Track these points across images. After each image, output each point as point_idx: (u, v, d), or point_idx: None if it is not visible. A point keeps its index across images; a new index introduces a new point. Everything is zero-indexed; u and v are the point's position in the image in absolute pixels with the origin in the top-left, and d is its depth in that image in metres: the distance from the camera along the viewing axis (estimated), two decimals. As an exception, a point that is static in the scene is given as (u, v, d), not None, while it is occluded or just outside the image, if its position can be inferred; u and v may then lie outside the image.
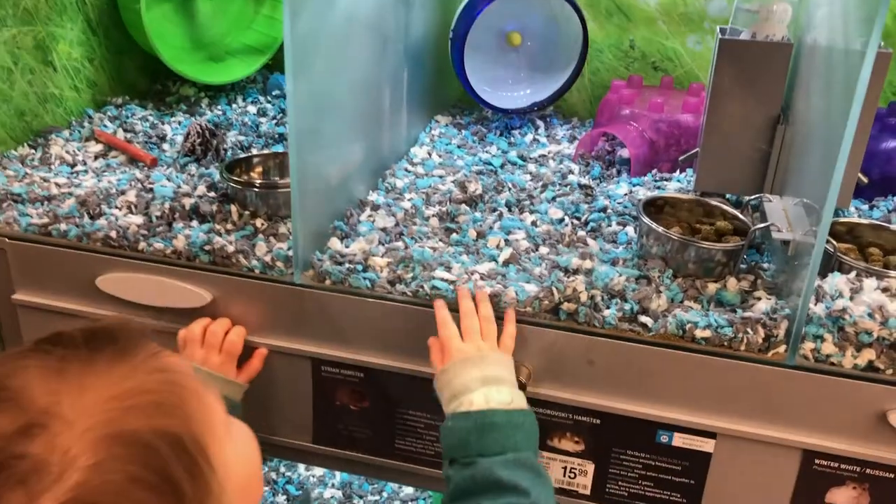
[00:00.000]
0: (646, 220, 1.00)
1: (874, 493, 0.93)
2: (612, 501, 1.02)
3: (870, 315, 0.87)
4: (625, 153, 1.34)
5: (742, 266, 1.00)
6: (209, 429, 0.54)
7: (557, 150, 1.38)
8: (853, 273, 0.94)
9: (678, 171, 1.29)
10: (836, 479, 0.93)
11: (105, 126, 1.36)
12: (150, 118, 1.42)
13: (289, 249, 1.01)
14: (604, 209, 1.15)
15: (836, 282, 0.92)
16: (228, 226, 1.07)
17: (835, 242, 0.98)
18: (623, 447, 0.98)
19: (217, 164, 1.24)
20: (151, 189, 1.14)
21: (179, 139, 1.33)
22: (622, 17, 1.49)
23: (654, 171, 1.29)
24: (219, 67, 1.53)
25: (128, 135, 1.34)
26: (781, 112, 1.09)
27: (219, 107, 1.50)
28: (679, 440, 0.96)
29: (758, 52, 1.07)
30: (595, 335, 0.93)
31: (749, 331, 0.89)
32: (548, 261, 1.01)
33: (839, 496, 0.94)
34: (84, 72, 1.39)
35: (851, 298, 0.90)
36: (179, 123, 1.41)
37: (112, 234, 1.03)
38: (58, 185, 1.15)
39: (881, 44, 0.96)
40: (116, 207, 1.10)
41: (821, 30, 1.01)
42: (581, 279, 0.95)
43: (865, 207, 1.19)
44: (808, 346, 0.89)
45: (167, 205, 1.10)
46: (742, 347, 0.90)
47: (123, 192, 1.13)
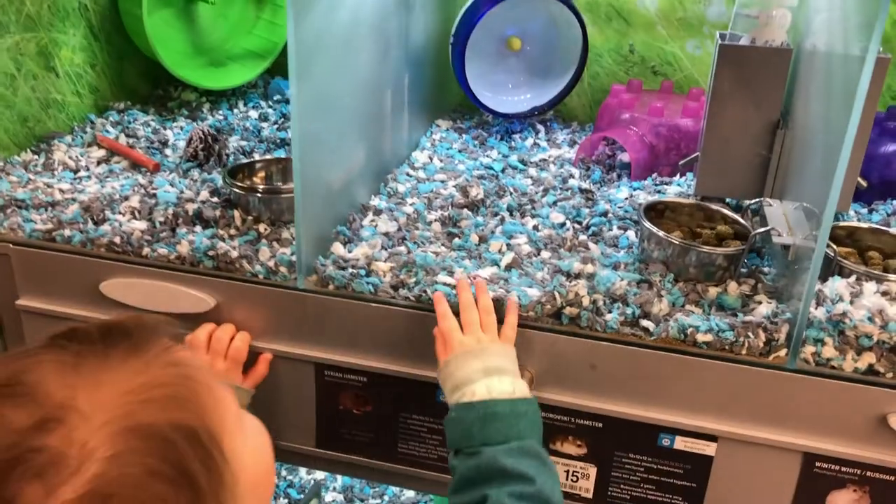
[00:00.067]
0: (647, 225, 1.01)
1: (874, 496, 0.93)
2: (615, 504, 1.03)
3: (870, 319, 0.88)
4: (625, 157, 1.34)
5: (742, 270, 1.00)
6: (222, 422, 0.54)
7: (558, 155, 1.39)
8: (853, 277, 0.95)
9: (678, 176, 1.30)
10: (837, 482, 0.93)
11: (107, 131, 1.36)
12: (152, 123, 1.42)
13: (292, 254, 1.01)
14: (605, 213, 1.16)
15: (837, 286, 0.92)
16: (231, 231, 1.08)
17: (835, 246, 0.99)
18: (625, 450, 0.99)
19: (219, 170, 1.25)
20: (155, 194, 1.15)
21: (181, 144, 1.34)
22: (622, 22, 1.50)
23: (655, 176, 1.30)
24: (220, 72, 1.54)
25: (130, 140, 1.34)
26: (781, 117, 1.09)
27: (220, 112, 1.50)
28: (681, 443, 0.96)
29: (757, 58, 1.08)
30: (597, 339, 0.94)
31: (750, 335, 0.90)
32: (550, 265, 1.02)
33: (840, 499, 0.94)
34: (86, 77, 1.40)
35: (852, 302, 0.90)
36: (181, 129, 1.42)
37: (116, 240, 1.04)
38: (61, 191, 1.15)
39: (880, 49, 0.97)
40: (120, 213, 1.10)
41: (820, 35, 1.02)
42: (583, 283, 0.96)
43: (865, 211, 1.19)
44: (809, 350, 0.89)
45: (170, 210, 1.10)
46: (743, 351, 0.91)
47: (127, 198, 1.13)
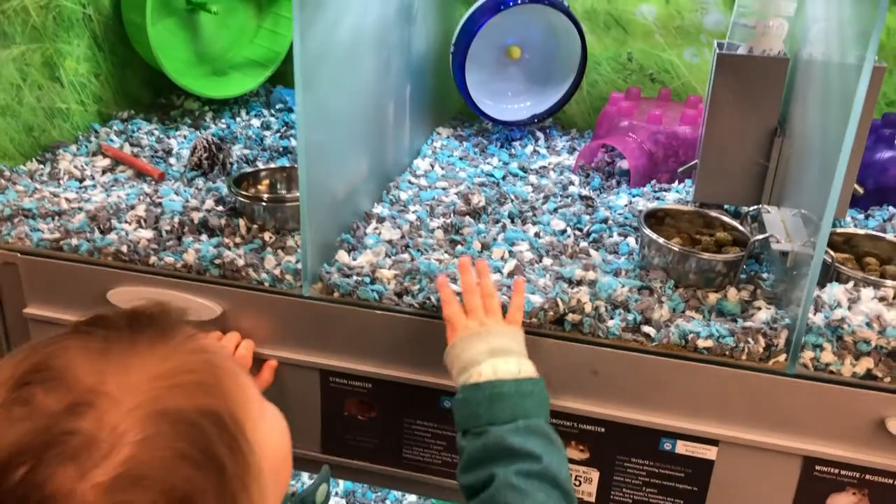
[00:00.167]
0: (647, 232, 1.02)
1: (874, 499, 0.94)
2: (617, 508, 1.04)
3: (868, 324, 0.89)
4: (624, 164, 1.36)
5: (741, 276, 1.02)
6: (245, 408, 0.55)
7: (558, 162, 1.40)
8: (851, 283, 0.96)
9: (677, 182, 1.31)
10: (837, 485, 0.94)
11: (111, 140, 1.37)
12: (156, 132, 1.43)
13: (297, 262, 1.03)
14: (605, 220, 1.17)
15: (835, 292, 0.94)
16: (237, 239, 1.09)
17: (832, 253, 1.00)
18: (627, 455, 1.00)
19: (224, 178, 1.26)
20: (160, 203, 1.16)
21: (185, 153, 1.35)
22: (620, 31, 1.52)
23: (654, 182, 1.31)
24: (222, 81, 1.55)
25: (134, 149, 1.35)
26: (778, 125, 1.11)
27: (223, 120, 1.52)
28: (682, 448, 0.98)
29: (755, 67, 1.09)
30: (599, 345, 0.95)
31: (750, 340, 0.91)
32: (552, 272, 1.03)
33: (839, 502, 0.95)
34: (90, 87, 1.41)
35: (850, 308, 0.92)
36: (185, 137, 1.43)
37: (123, 249, 1.05)
38: (67, 200, 1.16)
39: (875, 58, 0.98)
40: (126, 222, 1.11)
41: (816, 44, 1.04)
42: (585, 290, 0.97)
43: (861, 217, 1.21)
44: (808, 355, 0.91)
45: (176, 219, 1.11)
46: (743, 357, 0.92)
47: (133, 207, 1.14)
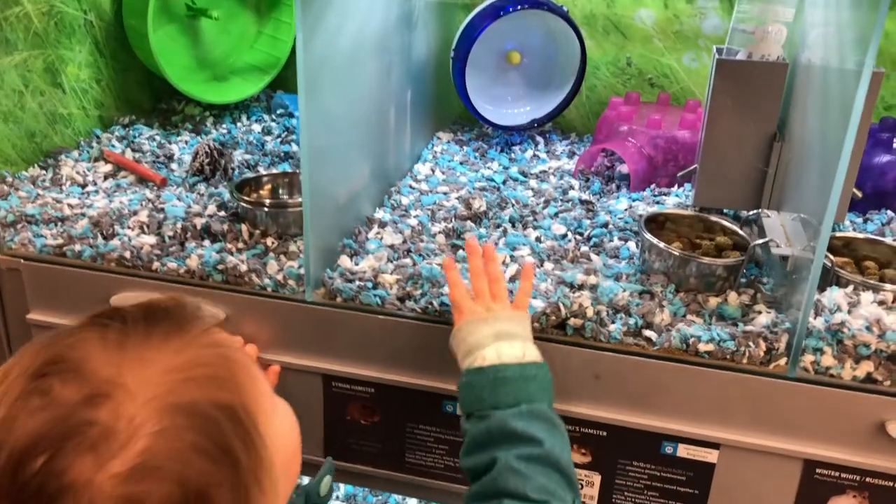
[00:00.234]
0: (647, 237, 1.03)
1: (874, 502, 0.95)
2: (619, 511, 1.04)
3: (867, 328, 0.90)
4: (624, 169, 1.36)
5: (742, 280, 1.02)
6: (258, 402, 0.56)
7: (557, 166, 1.41)
8: (850, 287, 0.97)
9: (676, 187, 1.32)
10: (837, 488, 0.95)
11: (113, 146, 1.38)
12: (157, 138, 1.44)
13: (300, 268, 1.03)
14: (605, 224, 1.18)
15: (835, 296, 0.95)
16: (239, 245, 1.09)
17: (832, 257, 1.01)
18: (629, 458, 1.01)
19: (225, 184, 1.26)
20: (163, 209, 1.16)
21: (187, 158, 1.35)
22: (619, 35, 1.52)
23: (653, 187, 1.32)
24: (223, 87, 1.56)
25: (136, 154, 1.36)
26: (778, 129, 1.12)
27: (224, 125, 1.52)
28: (683, 451, 0.98)
29: (754, 72, 1.10)
30: (601, 350, 0.96)
31: (751, 344, 0.92)
32: (553, 276, 1.04)
33: (840, 504, 0.96)
34: (91, 93, 1.42)
35: (849, 312, 0.93)
36: (186, 143, 1.43)
37: (126, 255, 1.05)
38: (70, 206, 1.16)
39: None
40: (129, 227, 1.12)
41: (815, 50, 1.04)
42: (587, 295, 0.98)
43: (860, 221, 1.22)
44: (808, 359, 0.91)
45: (179, 225, 1.12)
46: (744, 360, 0.93)
47: (135, 213, 1.15)
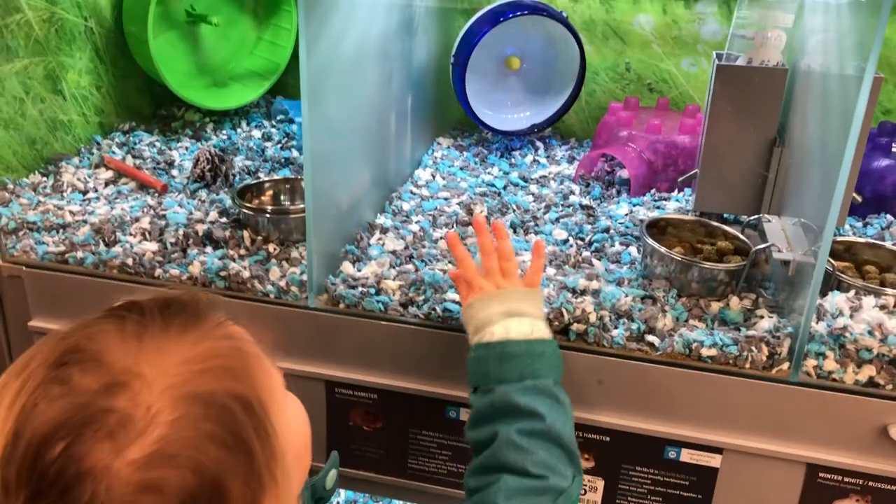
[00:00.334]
0: (649, 242, 1.03)
1: (876, 505, 0.96)
2: (622, 516, 1.04)
3: (870, 332, 0.90)
4: (624, 174, 1.37)
5: (743, 284, 1.03)
6: (271, 395, 0.57)
7: (558, 171, 1.41)
8: (852, 291, 0.97)
9: (676, 192, 1.32)
10: (840, 492, 0.95)
11: (113, 153, 1.38)
12: (157, 144, 1.44)
13: (302, 274, 1.03)
14: (606, 230, 1.18)
15: (837, 300, 0.95)
16: (241, 251, 1.09)
17: (833, 262, 1.01)
18: (632, 463, 1.01)
19: (227, 190, 1.26)
20: (164, 216, 1.16)
21: (187, 165, 1.35)
22: (618, 41, 1.53)
23: (653, 192, 1.32)
24: (223, 93, 1.56)
25: (136, 161, 1.36)
26: (778, 135, 1.12)
27: (224, 131, 1.52)
28: (686, 456, 0.98)
29: (754, 77, 1.11)
30: (604, 355, 0.96)
31: (753, 349, 0.92)
32: (555, 282, 1.04)
33: (843, 508, 0.97)
34: (92, 99, 1.42)
35: (851, 316, 0.93)
36: (186, 149, 1.43)
37: (128, 262, 1.05)
38: (72, 213, 1.16)
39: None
40: (131, 234, 1.12)
41: (815, 55, 1.05)
42: (589, 300, 0.98)
43: (860, 225, 1.22)
44: (811, 364, 0.92)
45: (181, 231, 1.12)
46: (747, 365, 0.93)
47: (137, 219, 1.15)
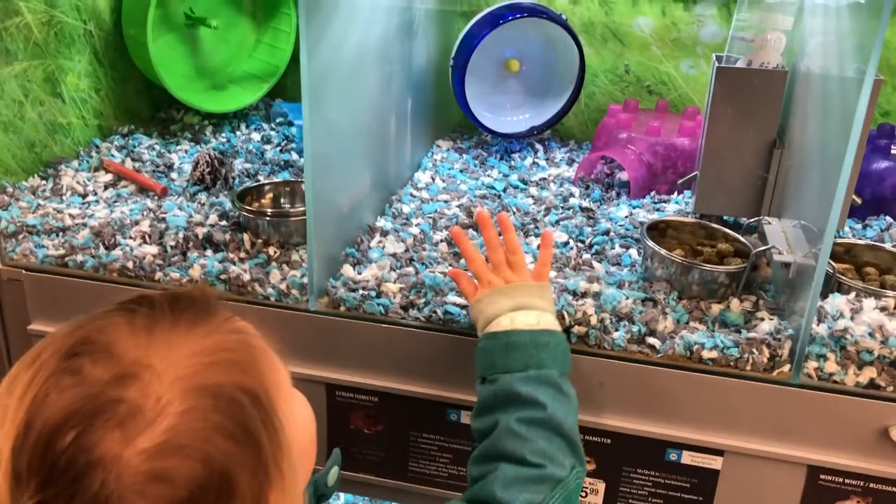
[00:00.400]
0: (650, 244, 1.03)
1: (877, 507, 0.96)
2: (623, 519, 1.04)
3: (870, 334, 0.90)
4: (623, 176, 1.37)
5: (743, 286, 1.03)
6: (278, 388, 0.57)
7: (557, 174, 1.41)
8: (853, 293, 0.97)
9: (676, 194, 1.32)
10: (841, 494, 0.95)
11: (112, 156, 1.37)
12: (157, 147, 1.43)
13: (303, 277, 1.03)
14: (606, 232, 1.18)
15: (837, 302, 0.95)
16: (241, 254, 1.09)
17: (833, 264, 1.01)
18: (633, 466, 1.01)
19: (226, 193, 1.26)
20: (164, 219, 1.16)
21: (186, 168, 1.35)
22: (617, 43, 1.53)
23: (653, 194, 1.33)
24: (222, 95, 1.56)
25: (135, 164, 1.36)
26: (777, 137, 1.12)
27: (223, 134, 1.52)
28: (688, 458, 0.98)
29: (754, 79, 1.11)
30: (605, 357, 0.96)
31: (754, 351, 0.92)
32: (556, 284, 1.04)
33: (844, 510, 0.97)
34: (91, 102, 1.41)
35: (852, 318, 0.93)
36: (185, 152, 1.43)
37: (128, 265, 1.05)
38: (71, 216, 1.16)
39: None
40: (131, 238, 1.12)
41: (814, 58, 1.05)
42: (590, 302, 0.98)
43: (859, 227, 1.22)
44: (812, 366, 0.92)
45: (181, 234, 1.11)
46: (748, 367, 0.93)
47: (137, 223, 1.15)
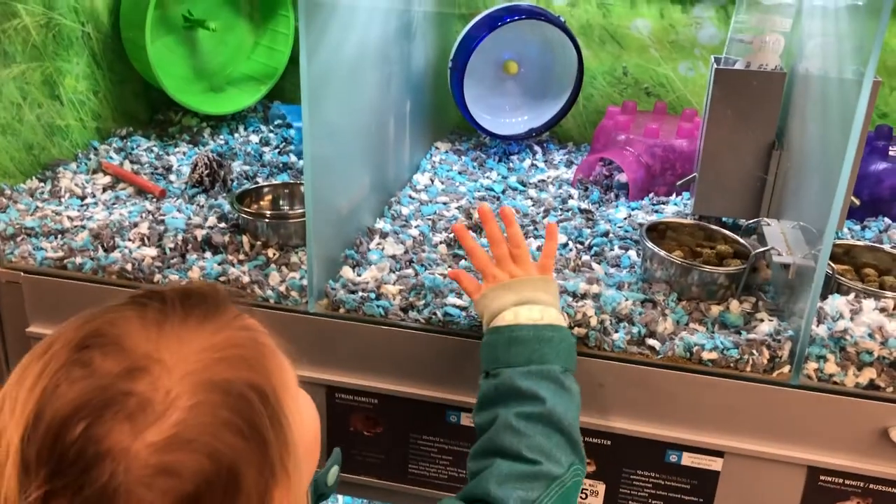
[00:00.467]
0: (649, 245, 1.03)
1: (877, 508, 0.96)
2: (623, 520, 1.04)
3: (870, 335, 0.91)
4: (622, 178, 1.37)
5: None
6: (285, 386, 0.57)
7: (556, 175, 1.41)
8: (852, 294, 0.98)
9: (675, 195, 1.33)
10: (841, 495, 0.95)
11: (111, 158, 1.37)
12: (155, 149, 1.43)
13: (302, 279, 1.03)
14: (605, 233, 1.18)
15: (837, 303, 0.95)
16: (241, 256, 1.09)
17: (833, 265, 1.01)
18: (633, 467, 1.01)
19: (225, 195, 1.26)
20: (163, 221, 1.16)
21: (185, 170, 1.35)
22: (615, 45, 1.53)
23: (651, 195, 1.33)
24: (220, 98, 1.55)
25: (134, 166, 1.35)
26: (776, 138, 1.12)
27: (221, 136, 1.52)
28: (688, 459, 0.98)
29: (752, 81, 1.11)
30: (605, 359, 0.96)
31: (754, 352, 0.92)
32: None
33: (844, 511, 0.97)
34: (89, 104, 1.41)
35: (852, 319, 0.93)
36: (184, 154, 1.43)
37: (127, 267, 1.05)
38: (70, 219, 1.16)
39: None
40: (129, 240, 1.11)
41: (813, 59, 1.05)
42: (590, 304, 0.98)
43: (858, 228, 1.22)
44: (812, 367, 0.92)
45: (180, 236, 1.11)
46: (748, 368, 0.93)
47: (136, 225, 1.14)
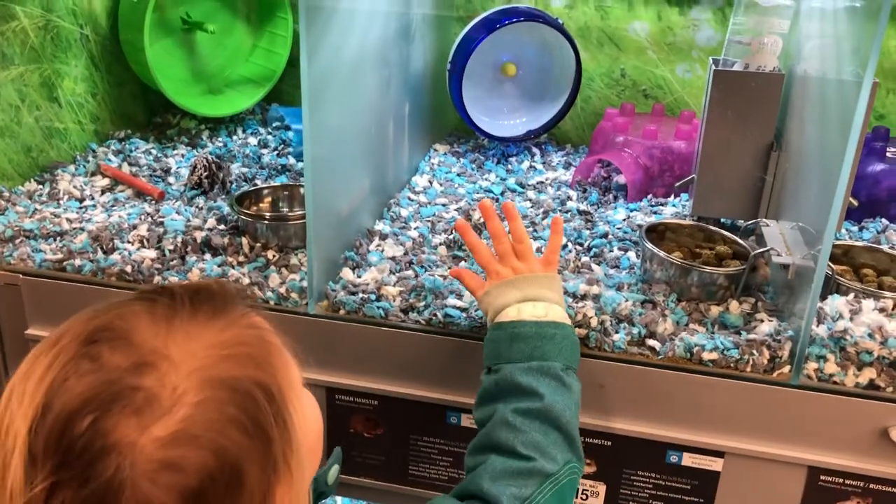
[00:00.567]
0: (649, 246, 1.04)
1: (877, 507, 0.96)
2: (623, 521, 1.04)
3: (870, 335, 0.91)
4: (620, 179, 1.37)
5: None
6: (290, 385, 0.57)
7: (554, 177, 1.41)
8: (851, 294, 0.98)
9: (673, 197, 1.33)
10: (842, 495, 0.96)
11: (109, 160, 1.37)
12: (153, 151, 1.43)
13: (302, 280, 1.03)
14: (605, 235, 1.18)
15: (836, 304, 0.95)
16: (240, 258, 1.09)
17: (832, 265, 1.01)
18: (634, 468, 1.01)
19: (224, 197, 1.26)
20: (162, 223, 1.16)
21: (183, 172, 1.35)
22: (613, 47, 1.54)
23: (650, 197, 1.33)
24: (219, 100, 1.55)
25: (132, 168, 1.35)
26: (775, 139, 1.13)
27: (219, 139, 1.52)
28: (688, 460, 0.98)
29: (750, 82, 1.11)
30: (605, 359, 0.96)
31: (754, 352, 0.93)
32: (555, 287, 1.04)
33: (844, 511, 0.97)
34: (87, 107, 1.41)
35: (851, 319, 0.93)
36: (182, 156, 1.43)
37: (127, 269, 1.05)
38: (69, 221, 1.16)
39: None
40: (129, 242, 1.11)
41: (811, 61, 1.06)
42: (590, 305, 0.98)
43: (855, 229, 1.23)
44: (812, 367, 0.92)
45: (179, 238, 1.11)
46: (748, 369, 0.93)
47: (135, 227, 1.14)
